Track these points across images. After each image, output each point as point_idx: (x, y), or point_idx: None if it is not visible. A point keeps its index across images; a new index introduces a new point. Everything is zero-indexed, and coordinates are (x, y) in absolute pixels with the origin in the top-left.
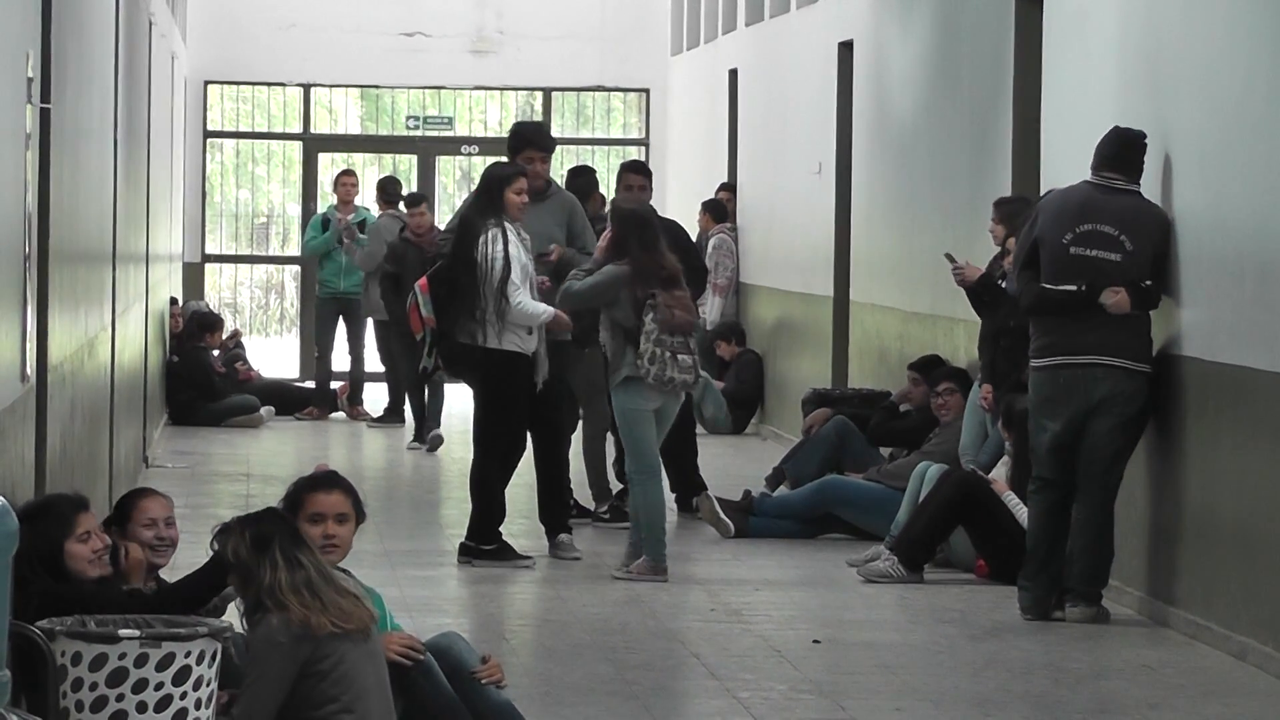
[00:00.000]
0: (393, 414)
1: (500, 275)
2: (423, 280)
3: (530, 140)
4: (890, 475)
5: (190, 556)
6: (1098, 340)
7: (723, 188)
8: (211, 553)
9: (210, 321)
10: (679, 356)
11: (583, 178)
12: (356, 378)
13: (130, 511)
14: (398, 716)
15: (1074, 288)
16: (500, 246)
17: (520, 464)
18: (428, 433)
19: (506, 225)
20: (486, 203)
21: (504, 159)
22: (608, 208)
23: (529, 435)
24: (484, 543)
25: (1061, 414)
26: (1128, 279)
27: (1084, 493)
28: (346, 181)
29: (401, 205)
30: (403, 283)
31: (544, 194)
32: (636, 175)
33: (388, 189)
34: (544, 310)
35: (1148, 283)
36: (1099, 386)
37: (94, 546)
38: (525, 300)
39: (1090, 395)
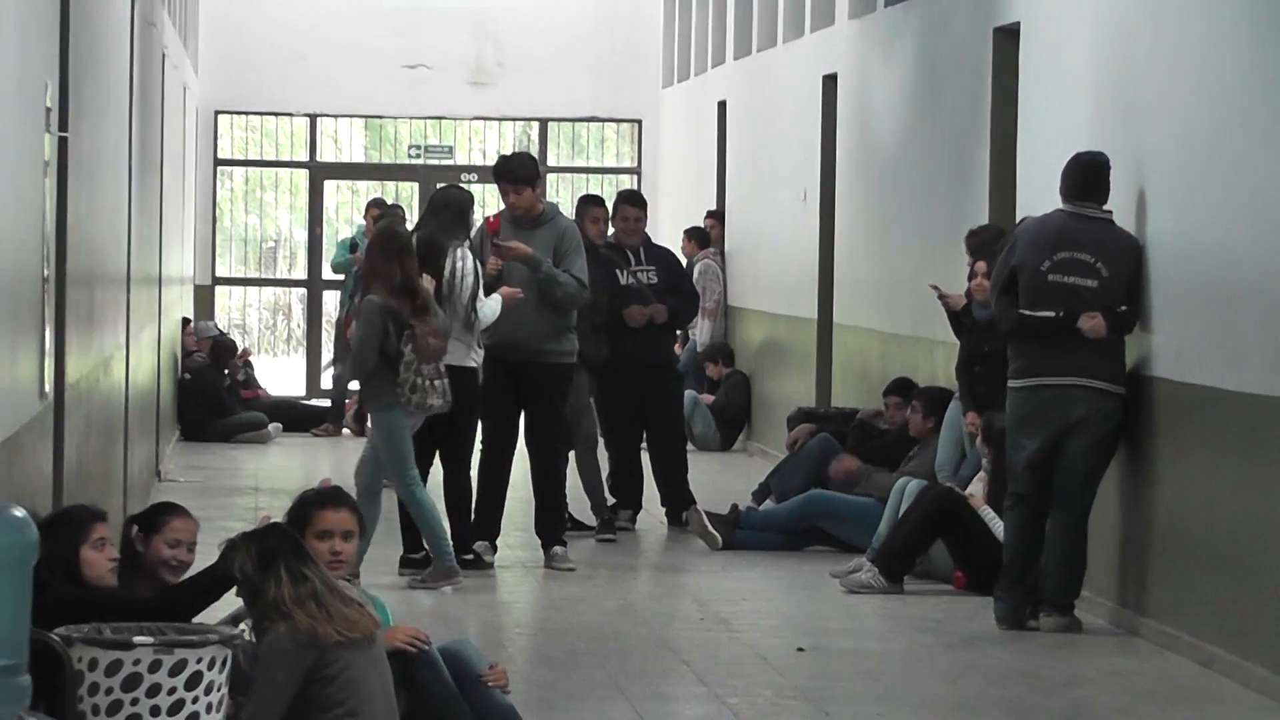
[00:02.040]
0: None
1: (471, 290)
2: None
3: (499, 174)
4: (879, 487)
5: (203, 565)
6: (1075, 363)
7: (709, 215)
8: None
9: (230, 347)
10: (435, 383)
11: (591, 206)
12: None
13: (159, 524)
14: (401, 715)
15: (1052, 314)
16: (471, 263)
17: (518, 479)
18: None
19: (468, 245)
20: (456, 224)
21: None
22: (610, 234)
23: (528, 453)
24: (462, 554)
25: (1039, 433)
26: (1103, 304)
27: (1059, 508)
28: (375, 213)
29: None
30: None
31: (536, 220)
32: (632, 207)
33: (375, 206)
34: (498, 301)
35: (1123, 308)
36: (1076, 407)
37: (109, 555)
38: (489, 303)
39: (1067, 415)
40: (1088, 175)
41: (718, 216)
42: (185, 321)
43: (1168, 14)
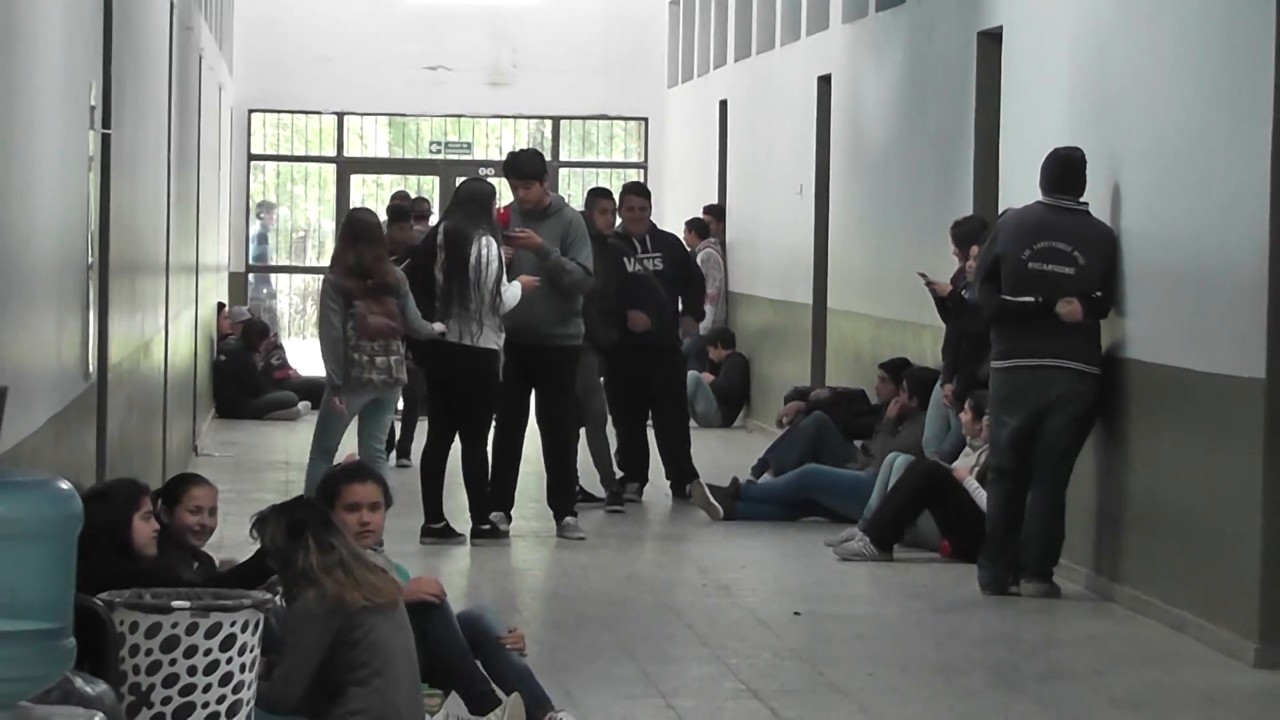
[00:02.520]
0: (411, 408)
1: (497, 276)
2: None
3: (508, 169)
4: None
5: (236, 533)
6: (1052, 345)
7: (707, 210)
8: (253, 539)
9: (262, 329)
10: (376, 359)
11: (603, 197)
12: None
13: (180, 495)
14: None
15: (1031, 299)
16: (495, 251)
17: (531, 454)
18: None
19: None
20: (479, 215)
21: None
22: (618, 224)
23: (539, 430)
24: (479, 524)
25: (1019, 411)
26: (1079, 290)
27: (1038, 482)
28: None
29: (431, 220)
30: None
31: (544, 212)
32: (637, 197)
33: (415, 204)
34: (518, 287)
35: (1098, 294)
36: (1054, 386)
37: (154, 526)
38: (511, 289)
39: (1046, 394)
40: (1064, 170)
41: (715, 211)
42: (220, 306)
43: (1140, 18)
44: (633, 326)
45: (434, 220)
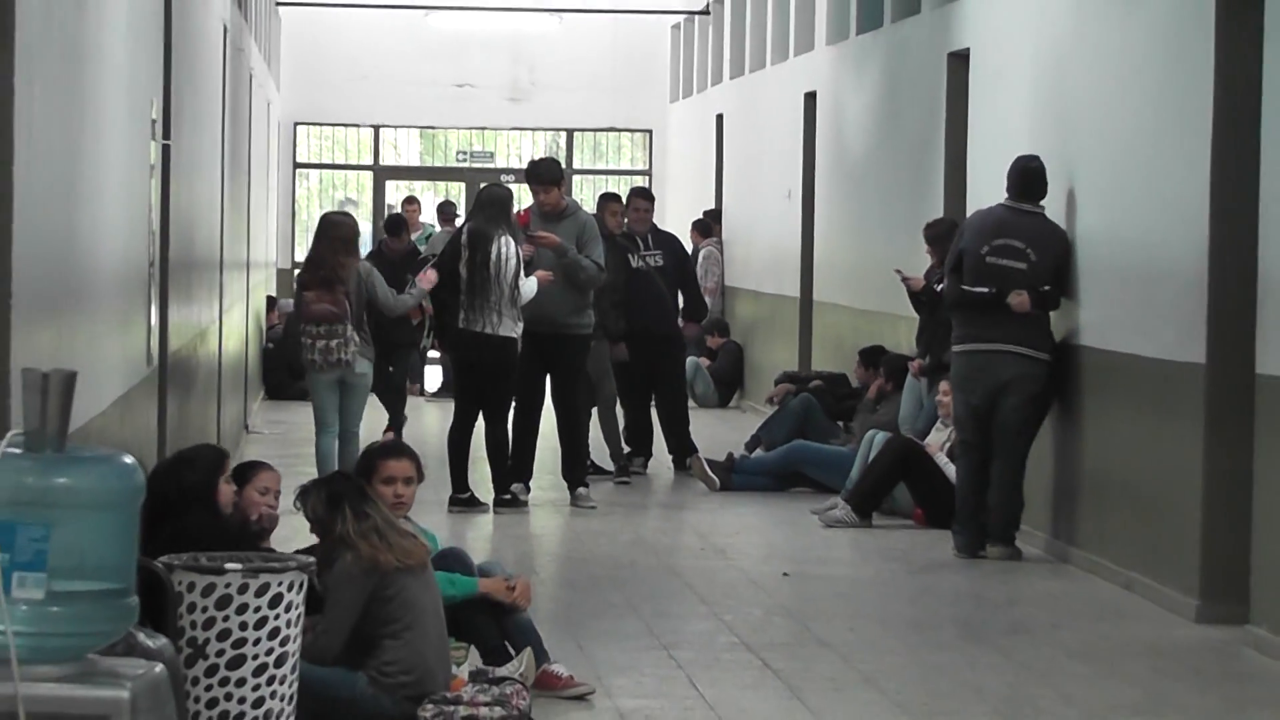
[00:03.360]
0: (445, 390)
1: (516, 270)
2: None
3: (529, 176)
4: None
5: (283, 502)
6: (1004, 332)
7: (707, 213)
8: (296, 509)
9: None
10: (317, 342)
11: (613, 201)
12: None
13: (250, 476)
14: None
15: (986, 290)
16: (513, 248)
17: (547, 431)
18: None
19: (510, 233)
20: (500, 217)
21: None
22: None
23: (555, 410)
24: (500, 494)
25: (976, 390)
26: (1030, 284)
27: (999, 457)
28: (410, 210)
29: (457, 221)
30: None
31: (561, 214)
32: (642, 200)
33: (445, 209)
34: (535, 281)
35: (1046, 288)
36: (1005, 370)
37: (234, 489)
38: (528, 283)
39: (999, 376)
40: (1025, 177)
41: (712, 215)
42: (271, 300)
43: (1093, 41)
44: (615, 356)
45: (459, 221)
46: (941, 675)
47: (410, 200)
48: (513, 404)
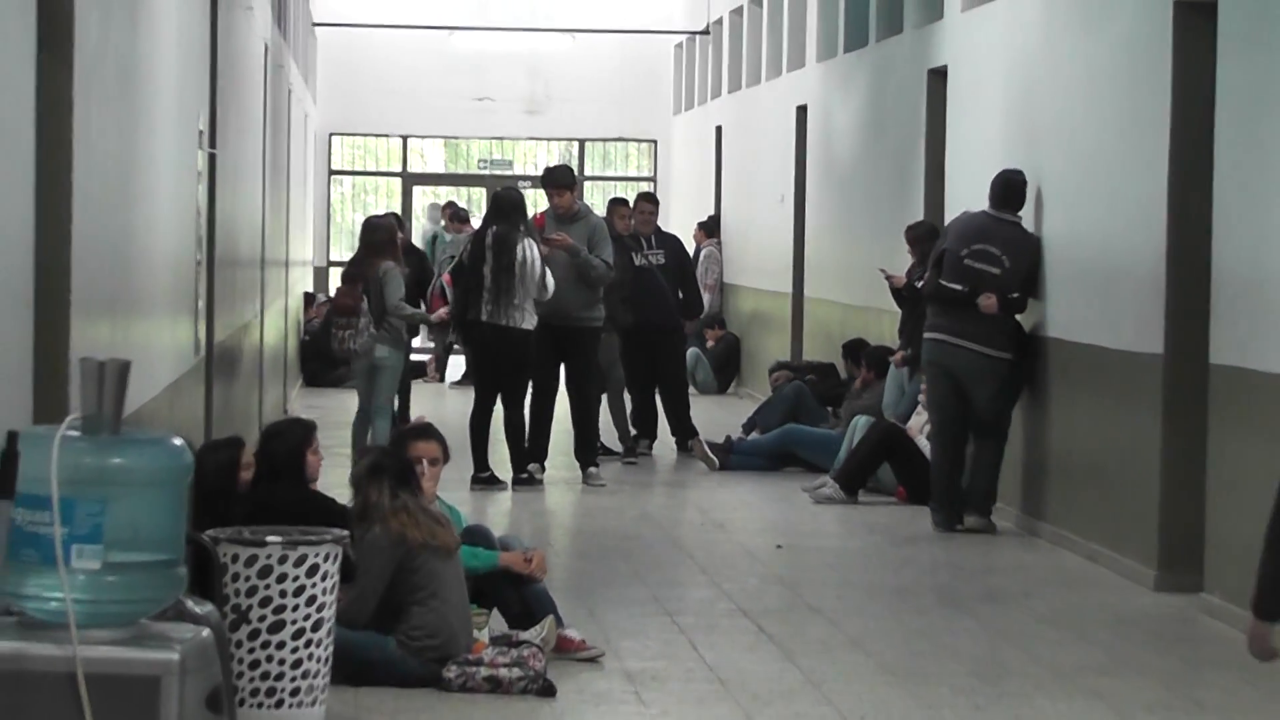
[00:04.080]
0: (466, 379)
1: (540, 271)
2: (447, 275)
3: (547, 181)
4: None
5: (325, 478)
6: (969, 329)
7: (710, 217)
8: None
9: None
10: (338, 333)
11: (621, 205)
12: (439, 355)
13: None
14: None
15: (960, 288)
16: (536, 251)
17: (561, 416)
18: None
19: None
20: (519, 221)
21: (531, 186)
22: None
23: (568, 396)
24: (518, 473)
25: (942, 376)
26: (1000, 288)
27: (978, 439)
28: (447, 213)
29: (474, 222)
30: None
31: (574, 217)
32: (648, 204)
33: (459, 213)
34: (552, 280)
35: (1014, 295)
36: (965, 364)
37: (321, 459)
38: (550, 281)
39: (959, 368)
40: (1006, 189)
41: (716, 216)
42: (308, 296)
43: (1061, 57)
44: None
45: (475, 222)
46: (922, 638)
47: (450, 206)
48: (529, 391)
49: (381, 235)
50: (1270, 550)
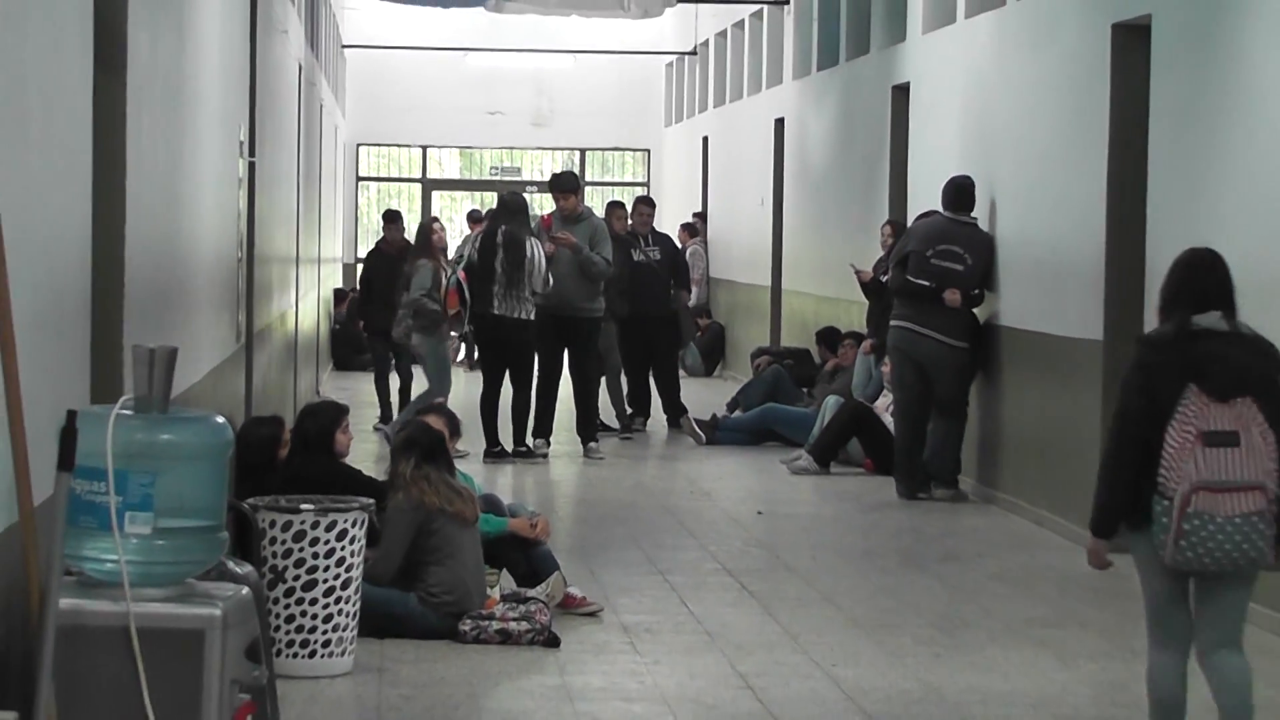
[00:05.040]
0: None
1: (544, 268)
2: (462, 273)
3: (553, 186)
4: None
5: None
6: (933, 321)
7: (695, 215)
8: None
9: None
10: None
11: (618, 207)
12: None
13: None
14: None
15: (927, 284)
16: (540, 250)
17: (565, 396)
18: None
19: (535, 235)
20: (525, 221)
21: (539, 190)
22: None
23: (571, 379)
24: (518, 445)
25: (907, 362)
26: (963, 285)
27: (940, 418)
28: (472, 226)
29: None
30: (373, 287)
31: (577, 218)
32: (646, 206)
33: (478, 217)
34: (552, 277)
35: (975, 291)
36: (928, 352)
37: (350, 437)
38: (551, 277)
39: (922, 354)
40: (957, 193)
41: (702, 217)
42: (339, 293)
43: (1011, 75)
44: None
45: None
46: (887, 594)
47: (474, 214)
48: (534, 374)
49: (419, 237)
50: (1102, 481)
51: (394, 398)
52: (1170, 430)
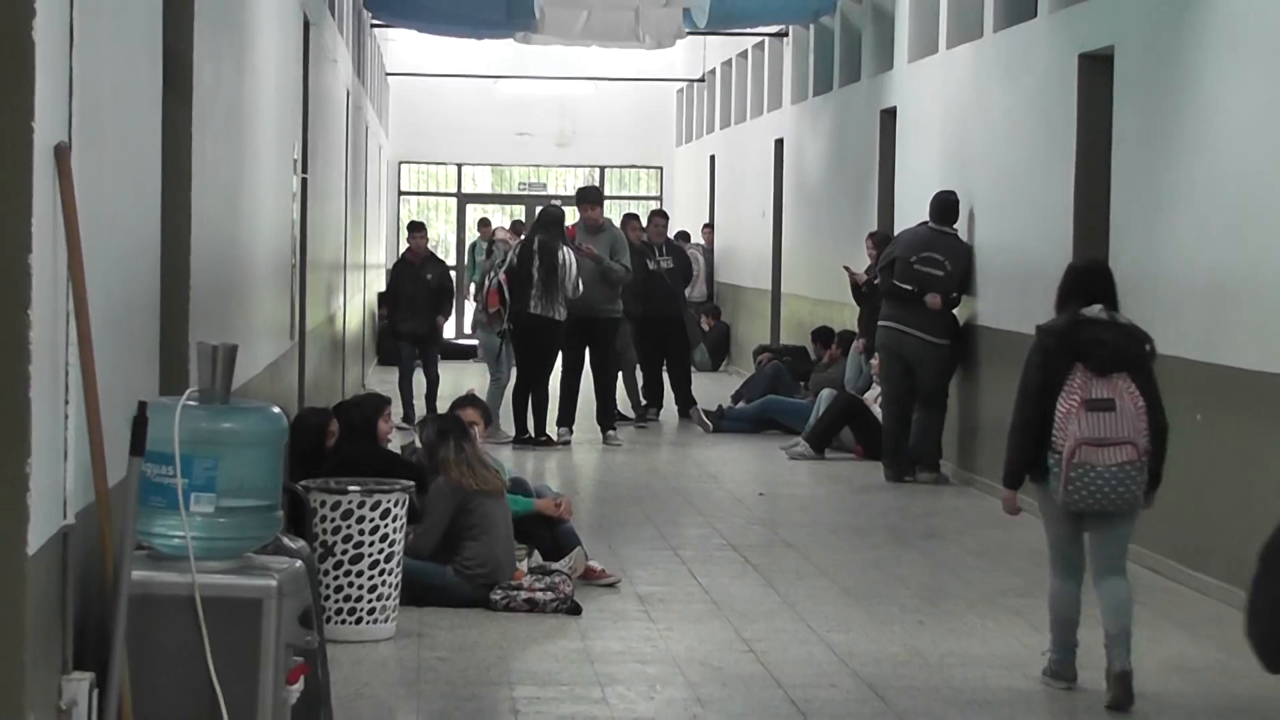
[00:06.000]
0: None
1: (575, 274)
2: (504, 274)
3: (581, 198)
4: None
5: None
6: (916, 321)
7: (705, 226)
8: (413, 430)
9: None
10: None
11: (633, 219)
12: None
13: (384, 410)
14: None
15: (910, 288)
16: (572, 257)
17: (586, 389)
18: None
19: (566, 244)
20: (559, 233)
21: (562, 205)
22: (645, 237)
23: (591, 373)
24: (539, 433)
25: (894, 358)
26: (944, 289)
27: (924, 412)
28: (484, 230)
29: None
30: (400, 293)
31: (600, 229)
32: (661, 218)
33: (519, 227)
34: (581, 282)
35: (954, 295)
36: (913, 349)
37: (392, 426)
38: (581, 282)
39: (907, 351)
40: (943, 207)
41: (710, 226)
42: (382, 296)
43: (987, 100)
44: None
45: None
46: (876, 568)
47: (485, 223)
48: (557, 369)
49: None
50: (1011, 442)
51: (418, 402)
52: (1060, 399)
